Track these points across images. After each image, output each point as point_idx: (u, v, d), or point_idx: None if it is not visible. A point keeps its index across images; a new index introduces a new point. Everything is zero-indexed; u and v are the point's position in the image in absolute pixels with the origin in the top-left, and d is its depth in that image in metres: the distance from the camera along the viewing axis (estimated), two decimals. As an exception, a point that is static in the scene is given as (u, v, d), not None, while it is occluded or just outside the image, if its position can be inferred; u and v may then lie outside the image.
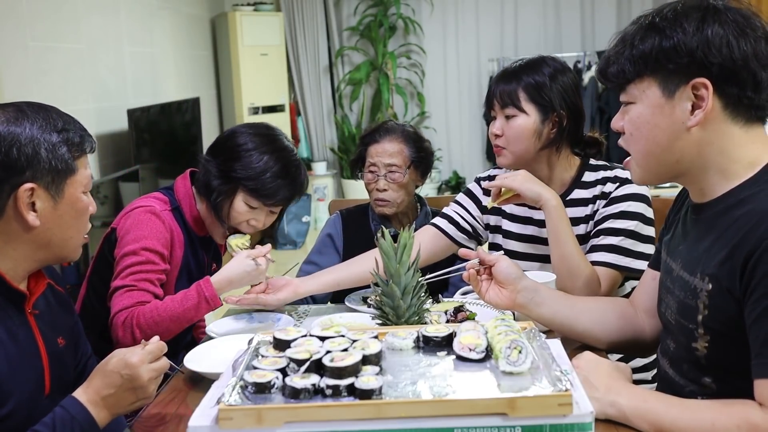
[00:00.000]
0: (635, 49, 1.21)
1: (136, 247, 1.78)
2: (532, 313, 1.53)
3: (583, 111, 1.88)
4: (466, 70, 7.17)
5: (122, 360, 1.25)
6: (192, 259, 1.91)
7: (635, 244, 1.75)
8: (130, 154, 4.20)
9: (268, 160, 1.87)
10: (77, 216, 1.33)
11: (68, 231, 1.33)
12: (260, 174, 1.85)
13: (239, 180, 1.86)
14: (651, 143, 1.24)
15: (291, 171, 1.90)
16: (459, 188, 7.02)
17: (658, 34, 1.19)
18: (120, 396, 1.24)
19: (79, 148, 1.31)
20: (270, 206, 1.91)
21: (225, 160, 1.88)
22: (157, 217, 1.83)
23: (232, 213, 1.89)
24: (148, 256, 1.78)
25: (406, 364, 1.17)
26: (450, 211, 2.07)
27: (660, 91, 1.20)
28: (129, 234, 1.80)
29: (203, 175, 1.91)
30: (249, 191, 1.86)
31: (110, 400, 1.24)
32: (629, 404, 1.17)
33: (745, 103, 1.18)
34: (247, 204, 1.88)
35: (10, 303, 1.31)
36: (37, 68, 3.53)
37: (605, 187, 1.83)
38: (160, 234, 1.82)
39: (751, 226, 1.12)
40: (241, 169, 1.86)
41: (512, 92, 1.82)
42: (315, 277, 1.98)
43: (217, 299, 1.75)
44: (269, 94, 6.45)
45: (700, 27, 1.16)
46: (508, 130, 1.84)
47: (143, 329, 1.66)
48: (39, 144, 1.25)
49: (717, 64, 1.15)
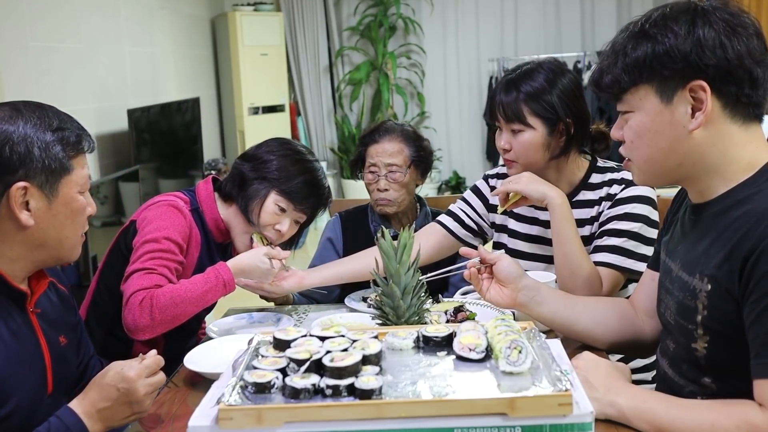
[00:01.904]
0: (628, 58, 1.20)
1: (158, 235, 1.79)
2: (532, 312, 1.53)
3: (588, 112, 1.86)
4: (466, 70, 7.18)
5: (119, 374, 1.25)
6: (207, 262, 1.92)
7: (638, 246, 1.75)
8: (130, 154, 4.20)
9: (301, 169, 1.94)
10: (73, 216, 1.32)
11: (64, 231, 1.32)
12: (293, 177, 1.91)
13: (273, 180, 1.91)
14: (653, 150, 1.23)
15: (320, 184, 1.97)
16: (459, 188, 7.03)
17: (649, 40, 1.18)
18: (116, 409, 1.25)
19: (75, 147, 1.30)
20: (298, 211, 1.94)
21: (260, 163, 1.94)
22: (179, 211, 1.86)
23: (261, 214, 1.91)
24: (169, 245, 1.79)
25: (406, 364, 1.17)
26: (456, 208, 2.08)
27: (657, 97, 1.20)
28: (151, 224, 1.82)
29: (236, 176, 1.95)
30: (281, 192, 1.91)
31: (106, 413, 1.24)
32: (629, 404, 1.17)
33: (744, 101, 1.18)
34: (278, 205, 1.91)
35: (12, 302, 1.31)
36: (37, 68, 3.53)
37: (611, 189, 1.83)
38: (181, 227, 1.84)
39: (749, 227, 1.12)
40: (276, 171, 1.91)
41: (516, 107, 1.80)
42: (319, 270, 2.01)
43: (233, 283, 1.77)
44: (269, 94, 6.45)
45: (690, 30, 1.16)
46: (516, 145, 1.83)
47: (162, 309, 1.66)
48: (32, 143, 1.24)
49: (712, 65, 1.15)
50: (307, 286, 1.96)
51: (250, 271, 1.81)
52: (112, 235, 2.00)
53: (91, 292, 1.96)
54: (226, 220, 1.96)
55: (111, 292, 1.87)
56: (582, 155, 1.91)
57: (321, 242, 2.36)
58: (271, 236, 1.95)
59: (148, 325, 1.65)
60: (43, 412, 1.27)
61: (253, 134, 5.92)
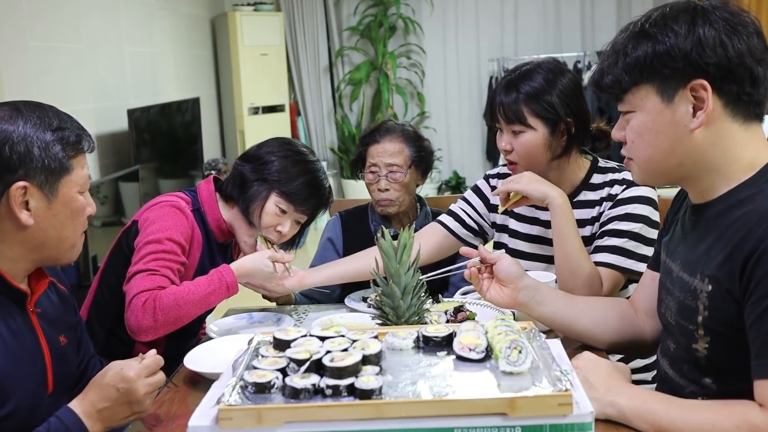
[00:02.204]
0: (629, 58, 1.20)
1: (161, 236, 1.79)
2: (532, 312, 1.53)
3: (588, 111, 1.86)
4: (466, 70, 7.18)
5: (119, 374, 1.25)
6: (208, 262, 1.92)
7: (639, 247, 1.75)
8: (130, 154, 4.20)
9: (302, 170, 1.93)
10: (73, 216, 1.32)
11: (63, 231, 1.31)
12: (294, 178, 1.91)
13: (274, 182, 1.90)
14: (655, 149, 1.23)
15: (321, 185, 1.96)
16: (459, 188, 7.03)
17: (649, 40, 1.18)
18: (115, 410, 1.25)
19: (75, 147, 1.30)
20: (299, 212, 1.94)
21: (261, 164, 1.93)
22: (181, 212, 1.85)
23: (263, 216, 1.91)
24: (171, 246, 1.79)
25: (406, 364, 1.17)
26: (456, 208, 2.08)
27: (659, 97, 1.20)
28: (153, 225, 1.81)
29: (237, 177, 1.95)
30: (282, 194, 1.90)
31: (105, 413, 1.24)
32: (629, 404, 1.17)
33: (745, 100, 1.18)
34: (278, 207, 1.91)
35: (12, 301, 1.30)
36: (37, 68, 3.53)
37: (612, 189, 1.83)
38: (183, 228, 1.83)
39: (750, 227, 1.12)
40: (276, 173, 1.90)
41: (516, 108, 1.79)
42: (320, 270, 2.02)
43: (236, 286, 1.78)
44: (269, 94, 6.45)
45: (691, 29, 1.16)
46: (518, 146, 1.82)
47: (165, 311, 1.66)
48: (32, 142, 1.24)
49: (713, 64, 1.15)
50: (308, 286, 1.97)
51: (254, 274, 1.82)
52: (112, 235, 2.00)
53: (93, 292, 1.96)
54: (228, 221, 1.96)
55: (113, 293, 1.87)
56: (583, 155, 1.91)
57: (321, 242, 2.36)
58: (273, 237, 1.95)
59: (150, 327, 1.65)
60: (43, 412, 1.27)
61: (253, 134, 5.92)
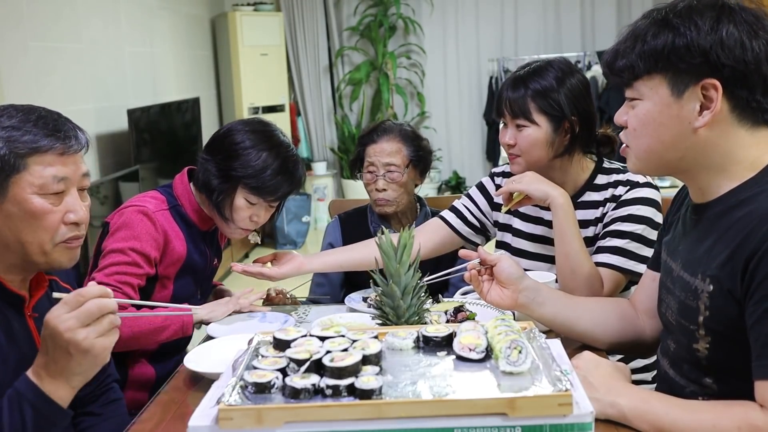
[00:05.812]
0: (647, 45, 1.19)
1: (124, 246, 1.78)
2: (533, 313, 1.53)
3: (594, 114, 1.86)
4: (466, 70, 7.18)
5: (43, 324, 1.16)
6: (195, 253, 1.92)
7: (641, 248, 1.75)
8: (130, 154, 4.21)
9: (267, 158, 1.87)
10: (28, 219, 1.25)
11: (21, 234, 1.26)
12: (260, 172, 1.86)
13: (239, 178, 1.86)
14: (655, 141, 1.23)
15: (290, 167, 1.90)
16: (459, 188, 7.03)
17: (671, 31, 1.17)
18: (57, 359, 1.13)
19: (29, 146, 1.24)
20: (270, 202, 1.92)
21: (224, 159, 1.88)
22: (148, 218, 1.83)
23: (234, 211, 1.90)
24: (135, 257, 1.78)
25: (406, 364, 1.17)
26: (459, 204, 2.08)
27: (669, 89, 1.19)
28: (119, 231, 1.81)
29: (202, 174, 1.91)
30: (249, 189, 1.87)
31: (52, 368, 1.14)
32: (629, 405, 1.17)
33: (753, 107, 1.17)
34: (247, 200, 1.89)
35: (9, 306, 1.30)
36: (37, 69, 3.53)
37: (616, 190, 1.83)
38: (149, 236, 1.81)
39: (752, 228, 1.12)
40: (240, 168, 1.86)
41: (522, 103, 1.80)
42: (320, 256, 2.03)
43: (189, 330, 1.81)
44: (269, 94, 6.45)
45: (714, 27, 1.14)
46: (520, 140, 1.82)
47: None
48: None
49: (729, 65, 1.14)
50: (306, 271, 1.98)
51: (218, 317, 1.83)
52: (112, 236, 2.00)
53: None
54: (206, 210, 1.95)
55: None
56: (587, 156, 1.91)
57: (323, 247, 2.37)
58: (249, 227, 1.94)
59: None
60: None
61: (253, 134, 5.91)
